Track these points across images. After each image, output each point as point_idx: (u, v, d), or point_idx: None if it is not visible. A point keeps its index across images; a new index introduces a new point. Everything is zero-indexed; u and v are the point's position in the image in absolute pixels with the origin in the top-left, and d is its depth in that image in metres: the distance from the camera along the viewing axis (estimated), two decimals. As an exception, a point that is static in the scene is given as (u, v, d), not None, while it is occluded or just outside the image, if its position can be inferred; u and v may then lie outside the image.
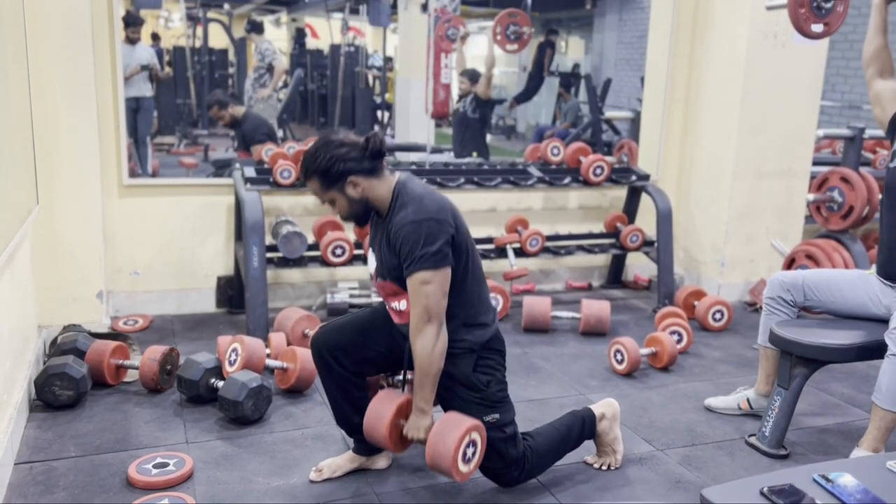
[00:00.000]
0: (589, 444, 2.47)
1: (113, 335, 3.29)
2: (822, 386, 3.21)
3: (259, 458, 2.46)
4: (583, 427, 2.43)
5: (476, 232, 2.84)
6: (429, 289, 2.05)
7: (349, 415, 2.35)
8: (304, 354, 2.93)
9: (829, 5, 3.02)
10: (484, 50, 11.14)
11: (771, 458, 2.59)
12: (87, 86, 3.26)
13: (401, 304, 2.20)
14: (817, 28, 3.09)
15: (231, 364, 2.87)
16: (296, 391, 2.96)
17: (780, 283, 2.75)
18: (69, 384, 2.72)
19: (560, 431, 2.40)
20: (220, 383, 2.76)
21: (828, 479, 1.48)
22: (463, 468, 2.08)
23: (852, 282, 2.68)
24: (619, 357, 3.27)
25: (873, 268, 2.68)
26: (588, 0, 11.44)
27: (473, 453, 2.11)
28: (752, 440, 2.68)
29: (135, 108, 6.02)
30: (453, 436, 2.04)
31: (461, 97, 5.85)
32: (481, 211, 4.35)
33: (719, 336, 3.83)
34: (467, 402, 2.18)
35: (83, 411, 2.75)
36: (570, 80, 10.55)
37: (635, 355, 3.22)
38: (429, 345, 2.07)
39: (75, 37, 3.20)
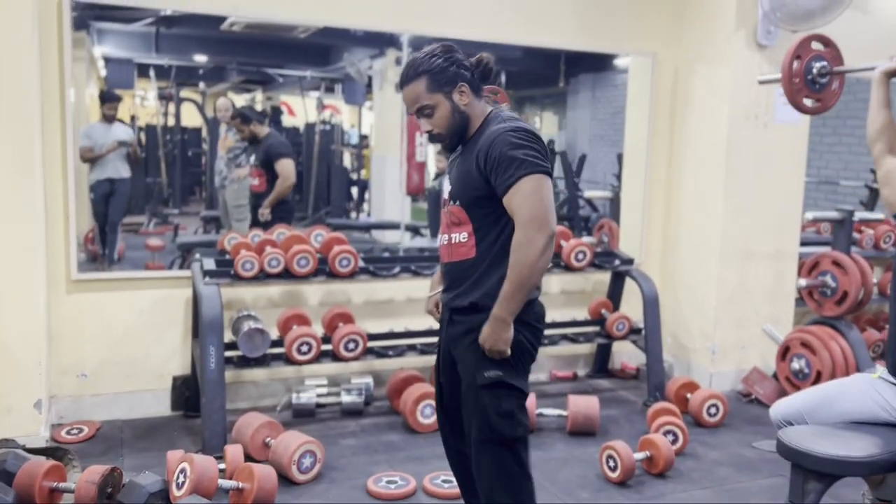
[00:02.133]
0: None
1: (51, 450, 2.95)
2: (833, 491, 2.93)
3: None
4: None
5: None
6: (536, 195, 1.87)
7: None
8: (263, 473, 2.62)
9: (824, 80, 2.90)
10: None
11: (788, 588, 2.30)
12: (31, 171, 3.02)
13: (460, 236, 2.01)
14: (809, 102, 2.98)
15: (179, 487, 2.54)
16: (253, 515, 2.63)
17: (782, 416, 2.52)
18: (-10, 516, 2.39)
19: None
20: (166, 510, 2.44)
21: None
22: None
23: (856, 392, 2.45)
24: (611, 463, 2.99)
25: (878, 368, 2.46)
26: (561, 78, 11.57)
27: None
28: (765, 565, 2.40)
29: (108, 191, 5.72)
30: None
31: (437, 175, 5.69)
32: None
33: (716, 433, 3.57)
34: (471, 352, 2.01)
35: (6, 547, 2.41)
36: (546, 155, 10.55)
37: (629, 462, 2.95)
38: (534, 253, 1.86)
39: (18, 121, 2.98)
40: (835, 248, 3.83)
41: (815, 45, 2.99)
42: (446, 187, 2.10)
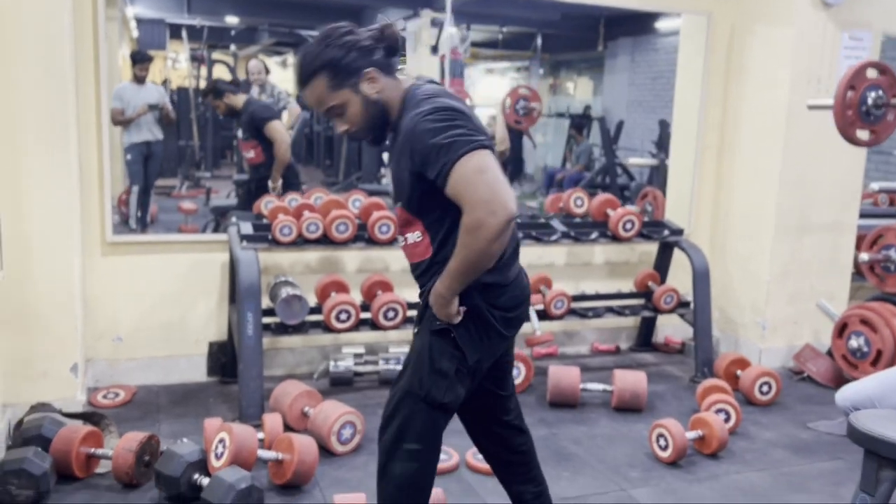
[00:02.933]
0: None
1: (87, 415, 2.90)
2: None
3: (246, 581, 2.06)
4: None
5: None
6: (478, 176, 1.58)
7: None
8: (303, 443, 2.53)
9: (879, 112, 2.70)
10: (493, 91, 10.94)
11: (857, 580, 2.17)
12: (65, 133, 2.91)
13: (414, 235, 1.80)
14: (863, 135, 2.79)
15: (218, 458, 2.47)
16: (293, 487, 2.56)
17: (851, 403, 2.37)
18: (28, 482, 2.34)
19: (539, 479, 2.09)
20: (205, 480, 2.37)
21: None
22: None
23: None
24: (662, 443, 2.87)
25: None
26: (599, 41, 11.24)
27: None
28: (831, 554, 2.27)
29: (146, 153, 5.63)
30: None
31: None
32: (499, 268, 3.98)
33: (768, 412, 3.42)
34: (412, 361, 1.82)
35: (44, 514, 2.36)
36: (581, 121, 10.29)
37: (681, 441, 2.82)
38: (485, 238, 1.58)
39: (54, 80, 2.86)
40: (900, 220, 3.61)
41: (871, 73, 2.79)
42: (390, 183, 1.89)
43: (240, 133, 4.80)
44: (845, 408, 2.40)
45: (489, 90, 11.77)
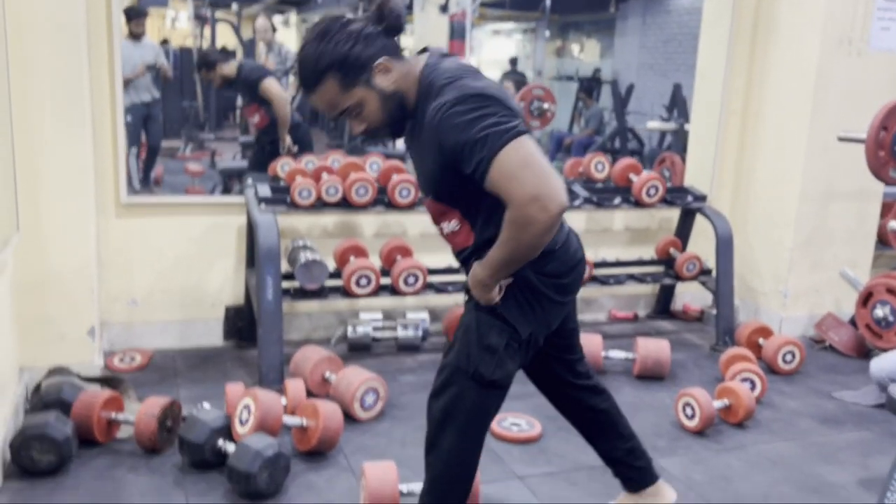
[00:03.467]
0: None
1: (105, 379, 2.86)
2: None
3: (277, 548, 2.04)
4: (639, 469, 2.07)
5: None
6: (522, 170, 1.46)
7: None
8: (328, 410, 2.49)
9: None
10: (499, 53, 10.74)
11: (894, 552, 2.14)
12: (80, 92, 2.82)
13: (451, 225, 1.71)
14: None
15: (242, 423, 2.43)
16: (317, 453, 2.52)
17: (888, 374, 2.32)
18: (50, 447, 2.30)
19: (628, 434, 2.07)
20: (230, 447, 2.33)
21: None
22: None
23: None
24: (688, 412, 2.83)
25: None
26: (611, 3, 11.00)
27: None
28: (866, 526, 2.25)
29: (146, 114, 5.53)
30: None
31: None
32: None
33: (792, 381, 3.39)
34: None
35: (66, 479, 2.32)
36: (591, 85, 10.12)
37: (709, 410, 2.78)
38: (534, 234, 1.49)
39: (66, 36, 2.76)
40: (931, 188, 3.53)
41: None
42: (414, 172, 1.79)
43: (239, 101, 4.68)
44: (880, 378, 2.37)
45: (495, 52, 11.57)
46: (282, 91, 4.31)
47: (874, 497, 2.24)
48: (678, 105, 7.09)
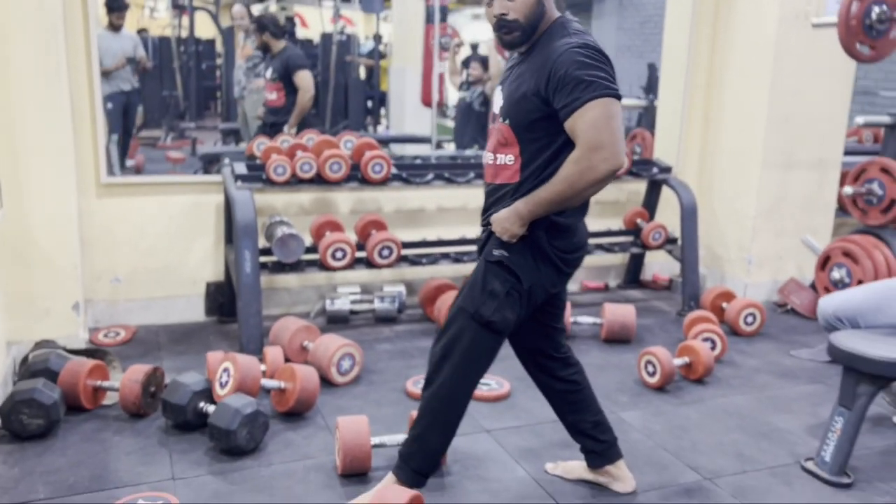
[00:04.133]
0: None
1: (91, 351, 2.97)
2: (878, 400, 2.92)
3: (255, 496, 2.16)
4: (603, 443, 2.19)
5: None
6: (604, 122, 1.70)
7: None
8: (304, 373, 2.61)
9: (882, 27, 2.73)
10: (482, 36, 10.79)
11: (834, 488, 2.30)
12: (58, 75, 2.91)
13: (506, 157, 1.89)
14: (864, 50, 2.82)
15: (222, 386, 2.55)
16: (295, 414, 2.65)
17: (833, 311, 2.45)
18: (39, 411, 2.41)
19: (595, 409, 2.20)
20: (211, 408, 2.45)
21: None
22: None
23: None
24: (650, 369, 2.98)
25: None
26: (587, -15, 11.09)
27: None
28: (810, 465, 2.40)
29: (125, 102, 5.67)
30: None
31: (470, 84, 5.49)
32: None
33: (753, 341, 3.54)
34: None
35: (55, 442, 2.43)
36: (570, 68, 10.24)
37: (669, 367, 2.93)
38: (588, 180, 1.73)
39: (44, 21, 2.85)
40: (884, 154, 3.68)
41: None
42: (497, 100, 1.95)
43: (268, 73, 4.91)
44: (827, 317, 2.49)
45: (475, 36, 11.62)
46: (312, 85, 4.59)
47: (819, 441, 2.39)
48: (652, 84, 7.22)
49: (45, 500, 2.11)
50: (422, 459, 2.00)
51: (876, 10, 2.71)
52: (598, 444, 2.19)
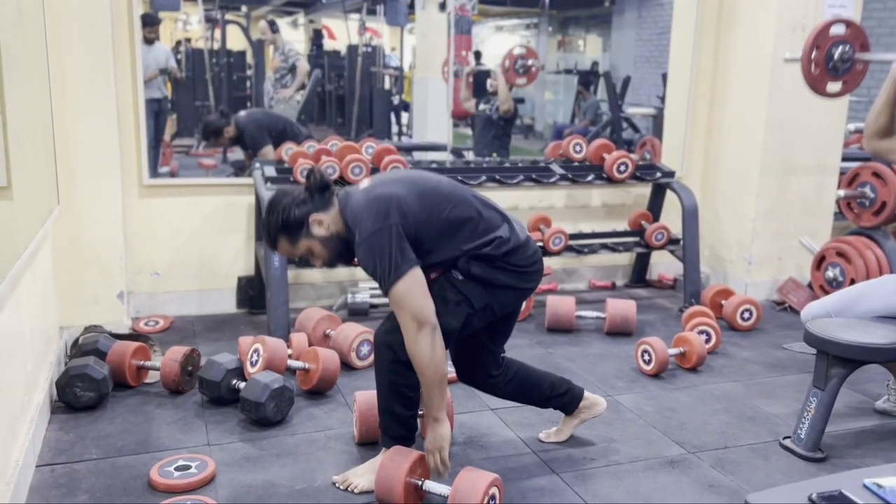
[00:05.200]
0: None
1: (134, 336, 3.27)
2: (858, 387, 3.11)
3: (282, 461, 2.42)
4: (564, 394, 2.45)
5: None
6: (406, 299, 2.01)
7: None
8: (327, 355, 2.89)
9: (846, 66, 2.96)
10: (501, 49, 11.09)
11: (807, 462, 2.50)
12: (106, 84, 3.24)
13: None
14: (834, 87, 3.04)
15: (253, 365, 2.83)
16: (318, 392, 2.92)
17: (812, 316, 2.67)
18: (90, 385, 2.70)
19: (543, 379, 2.44)
20: (242, 384, 2.73)
21: (880, 486, 1.41)
22: None
23: (882, 291, 2.61)
24: (646, 357, 3.20)
25: None
26: (606, -2, 11.34)
27: None
28: (787, 443, 2.60)
29: (157, 109, 6.09)
30: (475, 493, 2.00)
31: (492, 94, 5.74)
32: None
33: (748, 336, 3.75)
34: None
35: (105, 413, 2.73)
36: (588, 77, 10.47)
37: (663, 355, 3.15)
38: (427, 351, 2.02)
39: (95, 34, 3.18)
40: (875, 159, 3.87)
41: (836, 30, 2.99)
42: None
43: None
44: (805, 320, 2.71)
45: (498, 48, 11.91)
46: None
47: (797, 419, 2.60)
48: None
49: (98, 459, 2.40)
50: (396, 426, 2.23)
51: (838, 50, 2.92)
52: (562, 396, 2.48)
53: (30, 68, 2.50)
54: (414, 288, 2.01)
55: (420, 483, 2.12)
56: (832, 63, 2.92)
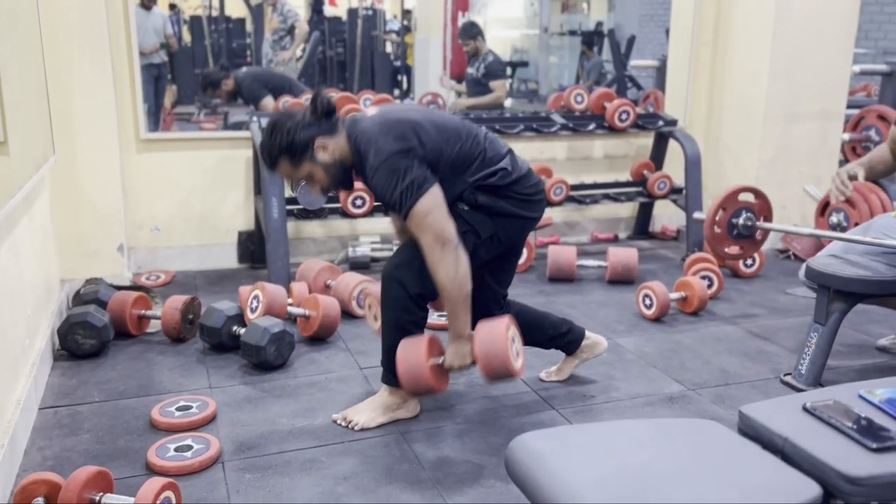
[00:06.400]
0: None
1: (135, 287, 3.28)
2: (860, 327, 3.10)
3: (282, 401, 2.44)
4: (566, 333, 2.47)
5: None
6: (428, 217, 2.00)
7: None
8: (327, 302, 2.88)
9: (747, 232, 3.15)
10: (507, 11, 10.96)
11: (807, 396, 2.50)
12: (100, 37, 3.21)
13: None
14: (733, 249, 3.19)
15: (253, 311, 2.84)
16: (319, 339, 2.92)
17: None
18: (92, 333, 2.71)
19: (544, 319, 2.46)
20: (243, 330, 2.73)
21: (874, 395, 1.41)
22: (517, 365, 2.08)
23: (877, 228, 2.60)
24: (647, 302, 3.19)
25: None
26: (611, -45, 11.14)
27: (518, 349, 2.12)
28: (788, 378, 2.60)
29: (157, 74, 6.09)
30: (499, 341, 2.03)
31: (471, 56, 5.69)
32: (504, 162, 4.26)
33: (751, 282, 3.73)
34: None
35: (106, 360, 2.74)
36: (592, 38, 10.34)
37: (664, 299, 3.14)
38: (451, 271, 2.02)
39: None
40: (881, 102, 3.81)
41: (744, 197, 3.10)
42: None
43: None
44: (804, 273, 2.68)
45: (502, 10, 11.74)
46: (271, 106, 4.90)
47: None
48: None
49: (100, 402, 2.42)
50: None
51: (742, 216, 3.08)
52: (564, 336, 2.48)
53: (17, 15, 2.47)
54: (436, 206, 2.01)
55: (441, 361, 2.15)
56: (736, 230, 3.12)
